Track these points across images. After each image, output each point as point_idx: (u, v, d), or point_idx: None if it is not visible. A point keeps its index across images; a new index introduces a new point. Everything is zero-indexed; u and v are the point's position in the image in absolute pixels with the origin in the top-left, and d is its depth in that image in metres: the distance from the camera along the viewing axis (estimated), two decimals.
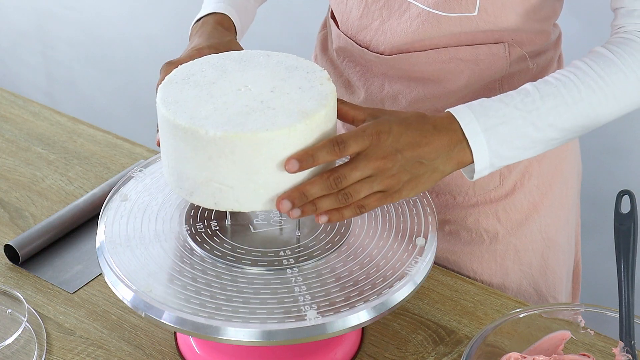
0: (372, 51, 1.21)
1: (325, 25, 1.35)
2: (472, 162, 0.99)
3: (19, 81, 2.96)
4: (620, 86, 1.03)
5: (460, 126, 0.98)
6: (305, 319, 0.92)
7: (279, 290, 0.96)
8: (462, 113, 0.99)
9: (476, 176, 1.01)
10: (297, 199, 0.93)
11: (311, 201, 0.94)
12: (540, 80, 1.04)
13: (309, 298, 0.95)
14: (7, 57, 2.98)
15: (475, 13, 1.11)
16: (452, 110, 1.00)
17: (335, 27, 1.27)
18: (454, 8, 1.11)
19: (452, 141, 0.98)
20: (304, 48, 1.85)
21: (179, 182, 0.97)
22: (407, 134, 0.96)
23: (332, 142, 0.93)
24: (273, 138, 0.91)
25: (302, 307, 0.93)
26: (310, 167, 0.94)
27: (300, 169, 0.92)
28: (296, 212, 0.94)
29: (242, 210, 0.95)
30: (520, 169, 1.23)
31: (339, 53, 1.27)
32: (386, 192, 0.96)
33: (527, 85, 1.03)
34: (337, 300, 0.94)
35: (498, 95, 1.02)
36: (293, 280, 0.97)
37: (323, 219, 0.95)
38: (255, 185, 0.93)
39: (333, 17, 1.29)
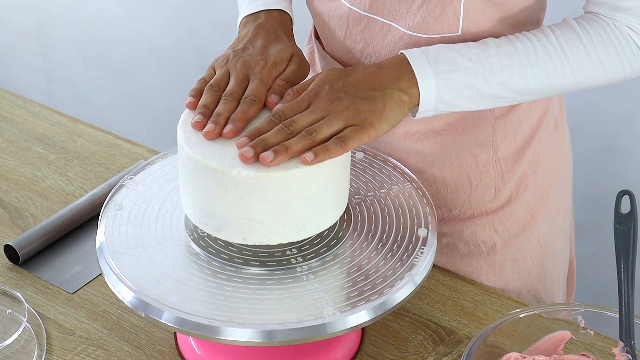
0: None
1: (310, 39, 1.33)
2: (419, 101, 1.01)
3: (18, 82, 2.96)
4: (578, 60, 1.04)
5: (411, 67, 1.00)
6: (305, 320, 0.92)
7: (275, 291, 0.96)
8: (415, 55, 1.01)
9: (418, 115, 1.02)
10: (257, 146, 0.94)
11: (283, 145, 0.94)
12: (504, 37, 1.06)
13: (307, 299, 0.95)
14: (6, 58, 2.98)
15: (459, 33, 1.10)
16: (405, 51, 1.01)
17: (321, 48, 1.26)
18: (436, 29, 1.10)
19: (400, 73, 1.00)
20: None
21: (205, 219, 0.98)
22: (349, 77, 0.99)
23: (281, 125, 0.96)
24: (303, 174, 0.93)
25: (301, 307, 0.93)
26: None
27: (255, 153, 0.93)
28: (270, 155, 0.93)
29: (270, 244, 0.97)
30: (516, 179, 1.21)
31: None
32: (357, 125, 0.97)
33: (489, 40, 1.04)
34: (336, 300, 0.94)
35: (458, 44, 1.04)
36: (292, 281, 0.97)
37: (309, 156, 0.94)
38: (284, 219, 0.95)
39: (317, 37, 1.28)
